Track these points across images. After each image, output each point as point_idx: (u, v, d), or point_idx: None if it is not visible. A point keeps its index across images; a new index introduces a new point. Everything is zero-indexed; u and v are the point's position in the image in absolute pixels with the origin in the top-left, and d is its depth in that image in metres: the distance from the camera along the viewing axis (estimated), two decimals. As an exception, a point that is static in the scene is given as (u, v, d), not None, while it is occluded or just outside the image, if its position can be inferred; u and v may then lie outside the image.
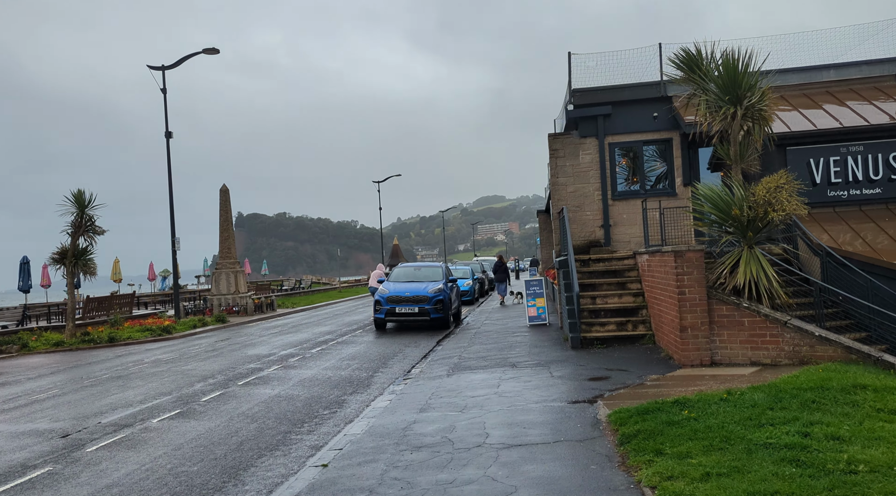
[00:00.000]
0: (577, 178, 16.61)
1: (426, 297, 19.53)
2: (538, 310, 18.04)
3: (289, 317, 27.29)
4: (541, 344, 14.20)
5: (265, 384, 11.55)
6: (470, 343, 15.40)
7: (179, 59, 24.14)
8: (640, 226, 16.07)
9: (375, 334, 19.01)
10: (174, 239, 24.40)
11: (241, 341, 18.71)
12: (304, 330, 21.26)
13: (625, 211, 16.41)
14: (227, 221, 29.71)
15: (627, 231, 16.34)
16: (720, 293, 10.33)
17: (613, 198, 16.45)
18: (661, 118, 16.22)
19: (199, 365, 14.22)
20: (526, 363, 11.82)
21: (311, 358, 14.59)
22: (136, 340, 19.38)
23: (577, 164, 16.62)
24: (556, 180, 16.70)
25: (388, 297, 19.72)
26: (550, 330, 16.82)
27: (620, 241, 16.36)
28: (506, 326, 18.66)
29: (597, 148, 16.51)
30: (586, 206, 16.58)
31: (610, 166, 16.49)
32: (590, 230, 16.55)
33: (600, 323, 13.21)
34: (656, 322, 12.38)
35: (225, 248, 29.62)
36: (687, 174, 16.18)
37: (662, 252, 11.27)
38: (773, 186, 10.39)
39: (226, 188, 29.92)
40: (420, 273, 21.62)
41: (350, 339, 17.90)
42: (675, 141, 16.24)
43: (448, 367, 12.06)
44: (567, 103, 16.64)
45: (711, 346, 10.26)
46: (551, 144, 16.75)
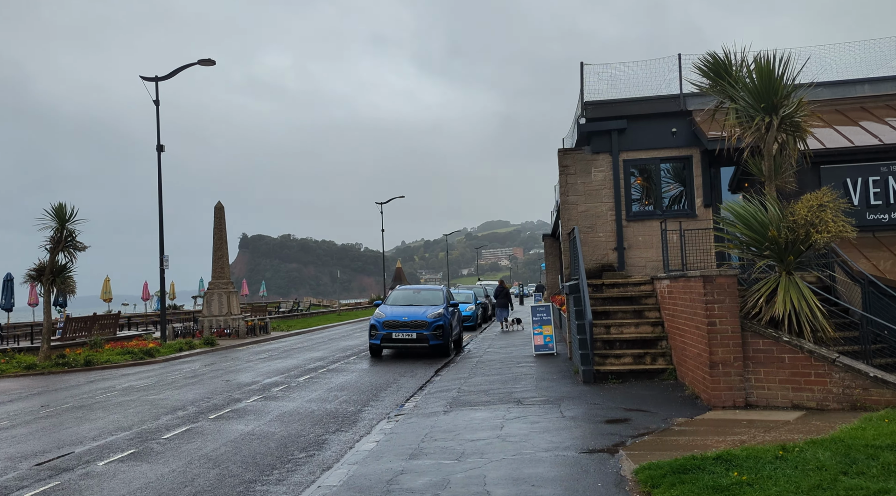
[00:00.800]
0: (589, 197, 15.44)
1: (425, 323, 18.28)
2: (545, 338, 16.76)
3: (281, 341, 26.02)
4: (549, 376, 12.91)
5: (239, 418, 10.27)
6: (471, 373, 14.12)
7: (174, 70, 23.22)
8: (657, 249, 14.88)
9: (370, 361, 17.72)
10: (162, 257, 23.25)
11: (226, 367, 17.44)
12: (295, 355, 19.99)
13: (640, 233, 15.21)
14: (220, 240, 28.59)
15: (643, 254, 15.13)
16: (755, 325, 9.07)
17: (628, 218, 15.27)
18: (680, 133, 15.10)
19: (173, 393, 12.95)
20: (533, 399, 10.53)
21: (296, 387, 13.31)
22: (114, 364, 18.13)
23: (588, 181, 15.47)
24: (566, 199, 15.54)
25: (384, 322, 18.48)
26: (558, 360, 15.53)
27: (635, 265, 15.14)
28: (510, 355, 17.37)
29: (610, 165, 15.36)
30: (598, 227, 15.39)
31: (624, 185, 15.34)
32: (602, 253, 15.34)
33: (615, 355, 11.93)
34: (678, 355, 11.11)
35: (218, 267, 28.46)
36: (708, 194, 15.01)
37: (688, 277, 10.03)
38: (816, 205, 9.18)
39: (220, 205, 28.86)
40: (419, 296, 20.39)
41: (342, 367, 16.63)
42: (696, 158, 15.10)
43: (446, 402, 10.79)
44: (579, 117, 15.54)
45: (746, 386, 8.98)
46: (561, 160, 15.62)
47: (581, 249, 13.17)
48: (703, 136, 14.17)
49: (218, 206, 28.79)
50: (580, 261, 12.78)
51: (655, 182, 15.39)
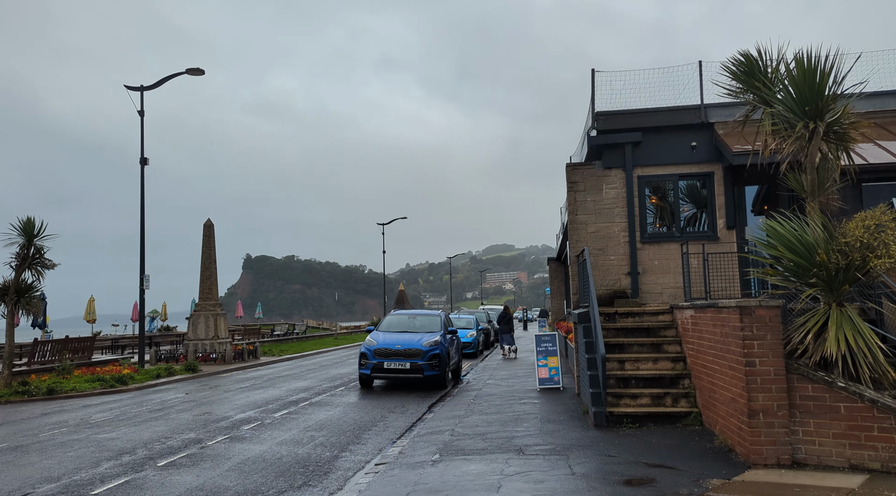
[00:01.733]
0: (600, 216, 14.04)
1: (420, 351, 16.80)
2: (550, 371, 15.25)
3: (269, 368, 24.51)
4: (555, 417, 11.40)
5: (193, 466, 8.79)
6: (468, 411, 12.62)
7: (159, 80, 22.06)
8: (675, 274, 13.45)
9: (359, 393, 16.22)
10: (143, 276, 21.87)
11: (200, 398, 15.95)
12: (279, 385, 18.49)
13: (656, 256, 13.79)
14: (209, 259, 27.23)
15: (659, 280, 13.69)
16: (803, 366, 7.61)
17: (642, 240, 13.85)
18: (700, 147, 13.73)
19: (128, 431, 11.47)
20: (537, 447, 9.03)
21: (270, 425, 11.83)
22: (79, 393, 16.66)
23: (599, 199, 14.08)
24: (574, 218, 14.14)
25: (375, 350, 17.01)
26: (565, 396, 14.01)
27: (651, 291, 13.69)
28: (511, 389, 15.86)
29: (623, 181, 13.98)
30: (610, 250, 13.97)
31: (639, 203, 13.94)
32: (614, 278, 13.90)
33: (631, 395, 10.43)
34: (705, 397, 9.61)
35: (206, 288, 27.06)
36: (731, 215, 13.60)
37: (719, 307, 8.58)
38: (873, 224, 7.76)
39: (210, 223, 27.55)
40: (415, 322, 18.93)
41: (327, 399, 15.13)
42: (717, 175, 13.71)
43: (436, 448, 9.30)
44: (589, 129, 14.21)
45: (792, 439, 7.49)
46: (569, 176, 14.26)
47: (592, 274, 11.75)
48: (727, 150, 12.80)
49: (207, 223, 27.49)
50: (591, 287, 11.34)
51: (673, 201, 13.99)
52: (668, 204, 14.09)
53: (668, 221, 14.08)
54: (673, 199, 13.95)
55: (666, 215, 14.08)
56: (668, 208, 14.08)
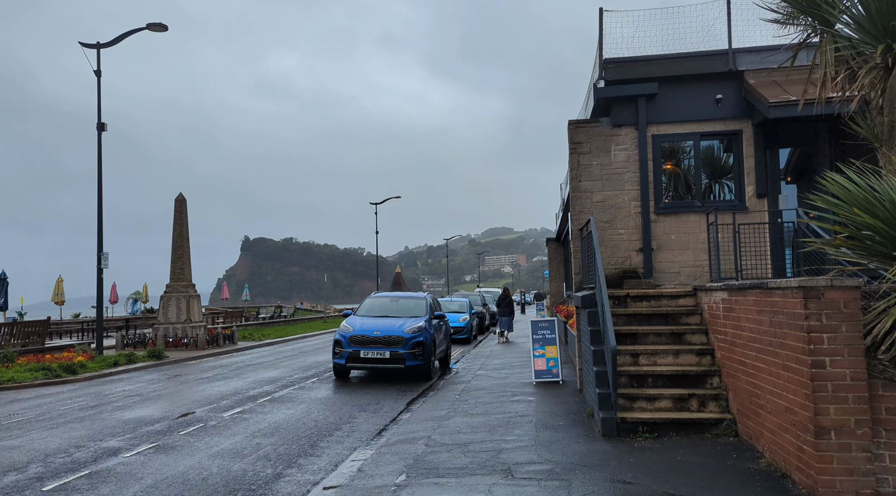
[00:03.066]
0: (608, 183, 12.01)
1: (401, 339, 14.85)
2: (548, 362, 13.30)
3: (243, 355, 22.58)
4: (553, 421, 9.46)
5: (88, 491, 6.84)
6: (451, 410, 10.69)
7: (117, 37, 19.87)
8: (694, 251, 11.47)
9: (332, 386, 14.30)
10: (100, 254, 19.84)
11: (150, 391, 14.01)
12: (246, 374, 16.56)
13: (672, 229, 11.77)
14: (181, 237, 25.19)
15: (676, 258, 11.69)
16: (890, 368, 5.63)
17: (657, 211, 11.83)
18: (727, 101, 11.67)
19: (38, 437, 9.52)
20: (530, 467, 7.08)
21: (213, 429, 9.89)
22: (16, 384, 14.72)
23: (607, 162, 12.04)
24: (577, 185, 12.11)
25: (350, 337, 15.06)
26: (565, 391, 12.08)
27: (666, 271, 11.70)
28: (504, 381, 13.93)
29: (635, 141, 11.94)
30: (619, 222, 11.96)
31: (653, 167, 11.91)
32: (623, 255, 11.90)
33: (647, 396, 8.46)
34: (743, 402, 7.65)
35: (177, 267, 25.05)
36: (762, 181, 11.57)
37: (769, 288, 6.57)
38: None
39: (182, 198, 25.48)
40: (398, 306, 16.96)
41: (292, 394, 13.19)
42: (746, 134, 11.66)
43: (404, 466, 7.35)
44: (596, 80, 12.13)
45: (876, 467, 5.53)
46: (572, 135, 12.19)
47: (599, 248, 9.72)
48: (760, 101, 10.74)
49: (179, 198, 25.42)
50: (598, 264, 9.32)
51: (693, 165, 11.95)
52: (686, 168, 12.05)
53: (686, 189, 12.05)
54: (693, 163, 11.91)
55: (688, 181, 12.05)
56: (686, 174, 12.04)
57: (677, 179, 12.12)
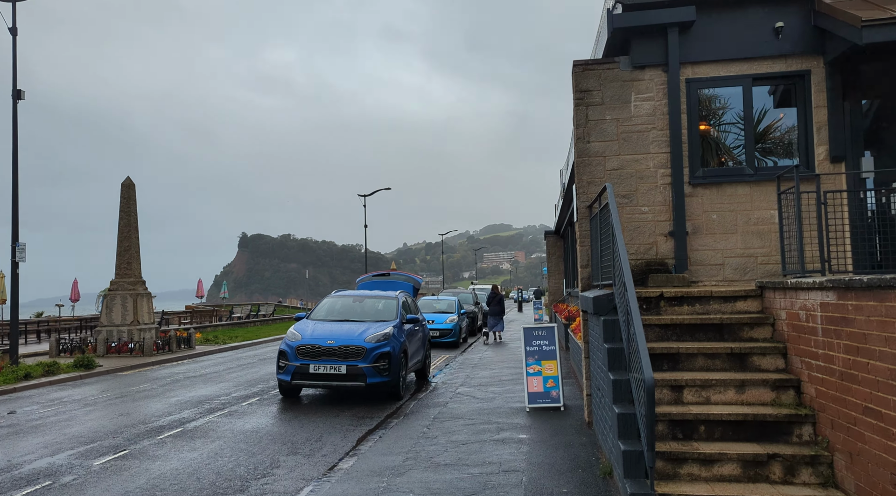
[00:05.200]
0: (626, 144, 8.91)
1: (360, 350, 11.78)
2: (546, 381, 10.21)
3: (193, 363, 19.47)
4: (553, 484, 6.37)
5: None
6: (410, 457, 7.62)
7: (35, -14, 16.75)
8: (744, 234, 8.41)
9: (271, 410, 11.22)
10: (15, 245, 16.73)
11: (30, 420, 10.92)
12: (175, 392, 13.47)
13: (714, 206, 8.68)
14: (128, 226, 22.03)
15: (719, 244, 8.60)
16: None
17: (694, 181, 8.73)
18: (791, 31, 8.57)
19: None
20: None
21: (60, 490, 6.81)
22: None
23: (625, 117, 8.94)
24: (584, 147, 9.01)
25: (298, 347, 11.98)
26: (568, 425, 9.01)
27: (705, 262, 8.60)
28: (490, 404, 10.88)
29: (664, 88, 8.84)
30: (641, 197, 8.87)
31: (688, 122, 8.81)
32: (647, 241, 8.81)
33: (700, 457, 5.37)
34: (875, 476, 4.56)
35: (123, 261, 21.90)
36: (837, 139, 8.47)
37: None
38: None
39: (129, 182, 22.32)
40: (362, 307, 13.87)
41: (213, 423, 10.11)
42: (817, 76, 8.56)
43: None
44: (612, 5, 9.00)
45: None
46: (578, 81, 9.08)
47: (619, 225, 6.60)
48: (845, 23, 7.63)
49: (126, 182, 22.26)
50: (619, 250, 6.21)
51: (744, 119, 8.84)
52: (734, 124, 8.94)
53: (737, 152, 8.93)
54: (745, 117, 8.79)
55: (736, 142, 8.94)
56: (734, 131, 8.93)
57: (719, 140, 9.01)
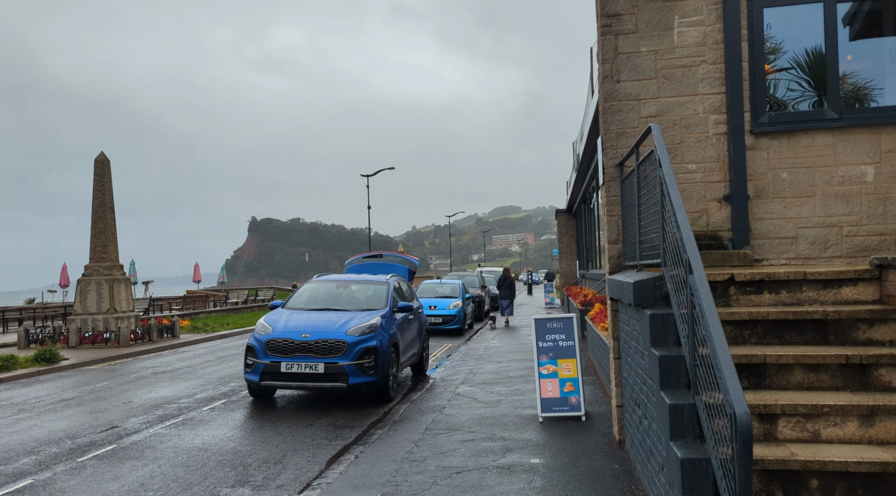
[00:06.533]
0: (668, 84, 6.90)
1: (341, 344, 9.91)
2: (563, 385, 8.28)
3: (171, 354, 17.70)
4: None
5: None
6: (386, 492, 5.74)
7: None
8: (824, 198, 6.46)
9: (236, 417, 9.38)
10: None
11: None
12: (136, 391, 11.67)
13: (785, 161, 6.67)
14: (102, 206, 20.19)
15: (790, 211, 6.60)
16: None
17: (757, 129, 6.72)
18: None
19: None
20: None
21: None
22: None
23: (667, 48, 6.92)
24: (613, 88, 7.00)
25: (269, 341, 10.12)
26: (592, 443, 7.10)
27: (773, 234, 6.62)
28: (495, 410, 9.00)
29: (717, 8, 6.81)
30: (687, 151, 6.87)
31: (750, 53, 6.78)
32: (694, 208, 6.83)
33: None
34: None
35: (98, 244, 20.10)
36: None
37: None
38: None
39: (103, 158, 20.44)
40: (347, 294, 11.99)
41: (154, 438, 8.28)
42: (921, -12, 6.49)
43: None
44: None
45: None
46: (605, 4, 7.04)
47: (672, 179, 4.62)
48: None
49: (99, 158, 20.38)
50: (674, 211, 4.26)
51: (826, 46, 6.77)
52: (811, 58, 6.89)
53: (815, 92, 6.89)
54: (828, 47, 6.74)
55: (814, 79, 6.89)
56: (811, 66, 6.88)
57: (811, 65, 6.96)
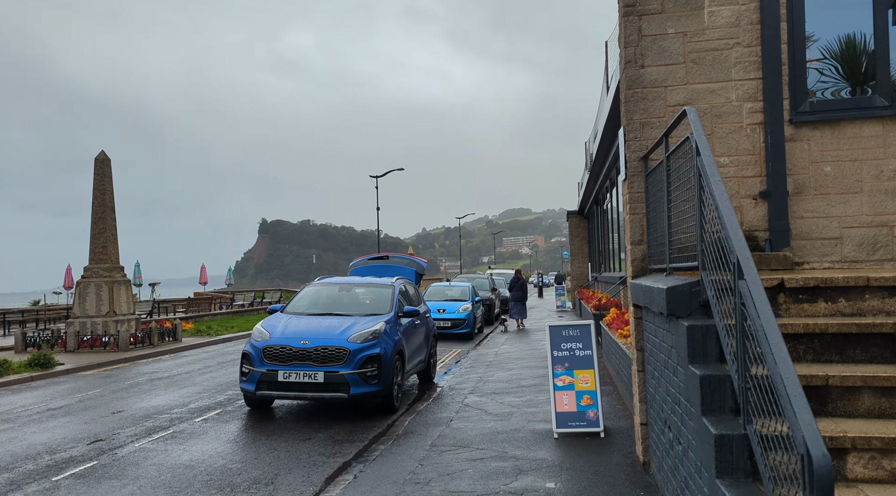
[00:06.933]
0: (697, 69, 6.26)
1: (342, 352, 9.30)
2: (580, 398, 7.64)
3: (170, 359, 17.17)
4: None
5: None
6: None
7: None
8: (872, 195, 5.79)
9: (230, 430, 8.79)
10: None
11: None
12: (124, 401, 11.12)
13: (828, 153, 6.01)
14: (103, 206, 19.71)
15: (834, 209, 5.93)
16: None
17: (798, 118, 6.05)
18: None
19: None
20: None
21: None
22: None
23: (696, 30, 6.27)
24: (637, 74, 6.36)
25: (265, 348, 9.53)
26: (614, 464, 6.45)
27: (815, 234, 5.95)
28: (506, 424, 8.37)
29: (754, -16, 6.15)
30: (718, 142, 6.21)
31: (790, 34, 6.12)
32: (727, 206, 6.13)
33: None
34: None
35: (98, 245, 19.62)
36: None
37: None
38: None
39: (104, 157, 19.97)
40: (350, 298, 11.39)
41: (139, 453, 7.70)
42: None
43: None
44: None
45: None
46: (628, -19, 6.40)
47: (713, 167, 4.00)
48: None
49: (100, 157, 19.91)
50: (717, 204, 3.63)
51: (876, 32, 6.10)
52: (854, 39, 6.22)
53: (855, 78, 6.21)
54: (874, 24, 6.06)
55: (861, 61, 6.22)
56: (856, 48, 6.21)
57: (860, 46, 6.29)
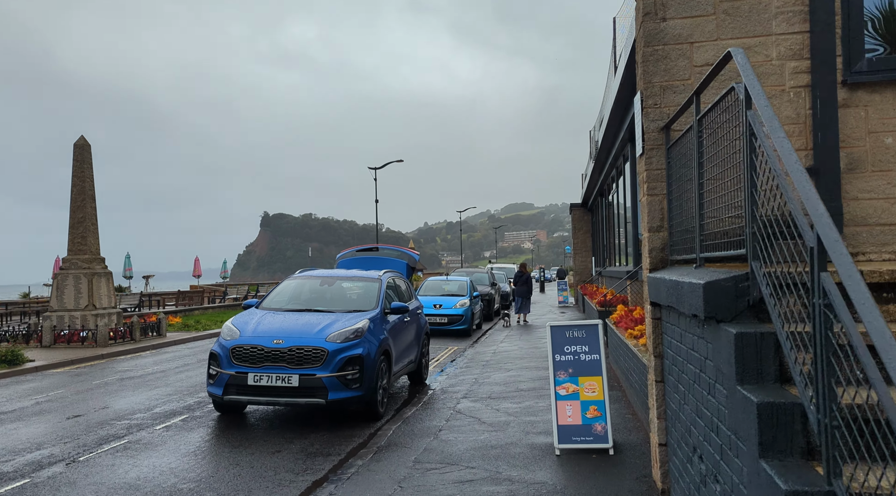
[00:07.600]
0: (729, 21, 5.22)
1: (319, 352, 8.32)
2: (585, 409, 6.64)
3: (150, 356, 16.21)
4: None
5: None
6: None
7: None
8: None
9: (192, 440, 7.81)
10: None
11: None
12: (86, 403, 10.16)
13: (890, 123, 4.97)
14: (82, 194, 18.73)
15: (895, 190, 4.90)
16: None
17: (852, 78, 5.02)
18: None
19: None
20: None
21: None
22: None
23: (729, -27, 5.23)
24: (657, 28, 5.33)
25: (234, 348, 8.54)
26: (625, 490, 5.46)
27: (874, 220, 4.93)
28: (503, 438, 7.37)
29: (799, -82, 5.11)
30: (755, 110, 5.15)
31: (843, -23, 5.07)
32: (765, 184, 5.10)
33: None
34: None
35: (77, 235, 18.65)
36: None
37: None
38: None
39: (84, 142, 18.97)
40: (333, 292, 10.38)
41: (80, 470, 6.73)
42: None
43: None
44: None
45: None
46: (647, -82, 5.37)
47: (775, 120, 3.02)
48: None
49: (79, 142, 18.91)
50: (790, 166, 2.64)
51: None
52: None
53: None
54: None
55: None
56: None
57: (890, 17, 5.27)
